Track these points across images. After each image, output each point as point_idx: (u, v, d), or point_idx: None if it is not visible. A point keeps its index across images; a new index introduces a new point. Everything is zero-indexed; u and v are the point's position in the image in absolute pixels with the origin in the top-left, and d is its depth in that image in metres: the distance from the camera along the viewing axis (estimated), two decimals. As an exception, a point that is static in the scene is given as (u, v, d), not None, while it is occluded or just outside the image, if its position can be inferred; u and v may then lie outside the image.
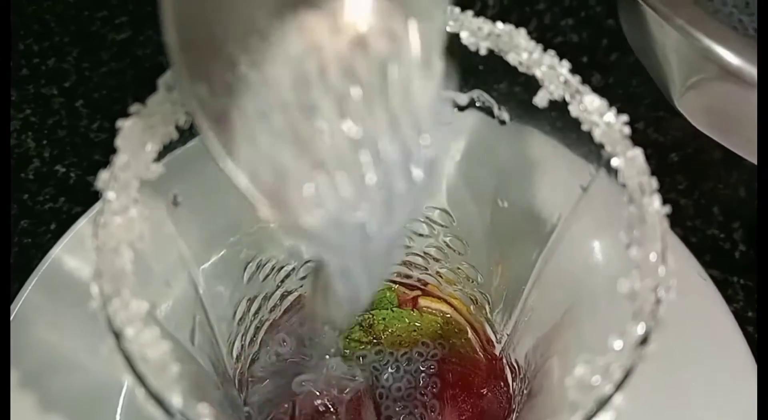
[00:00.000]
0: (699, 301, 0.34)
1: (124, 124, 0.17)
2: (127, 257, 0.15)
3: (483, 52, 0.19)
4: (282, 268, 0.27)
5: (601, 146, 0.18)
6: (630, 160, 0.17)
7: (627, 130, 0.17)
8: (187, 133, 0.18)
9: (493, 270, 0.26)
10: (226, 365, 0.24)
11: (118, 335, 0.14)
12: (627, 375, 0.14)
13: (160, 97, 0.17)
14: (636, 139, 0.43)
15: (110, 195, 0.16)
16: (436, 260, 0.29)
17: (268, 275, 0.26)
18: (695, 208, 0.40)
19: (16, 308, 0.28)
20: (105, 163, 0.40)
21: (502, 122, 0.20)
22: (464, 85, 0.21)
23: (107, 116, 0.42)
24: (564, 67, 0.18)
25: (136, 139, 0.16)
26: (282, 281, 0.28)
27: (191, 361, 0.19)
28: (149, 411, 0.13)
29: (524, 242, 0.23)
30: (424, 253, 0.29)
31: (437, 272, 0.29)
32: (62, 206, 0.39)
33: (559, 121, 0.19)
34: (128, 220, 0.16)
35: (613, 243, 0.17)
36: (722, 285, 0.36)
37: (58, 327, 0.27)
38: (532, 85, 0.19)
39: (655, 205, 0.16)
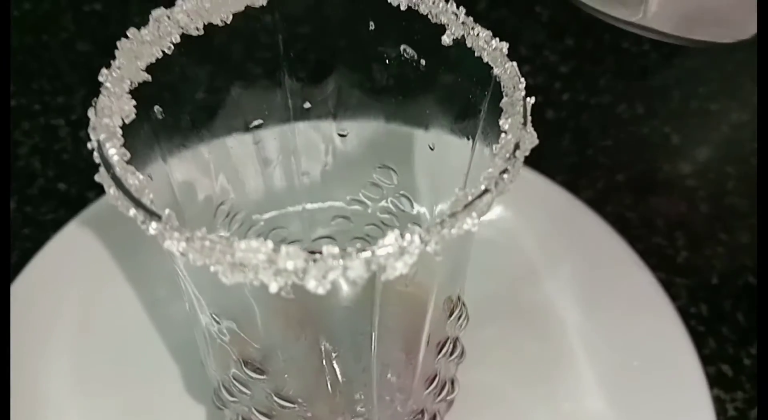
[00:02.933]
0: (638, 290, 0.39)
1: (121, 42, 0.23)
2: (117, 124, 0.21)
3: (403, 7, 0.25)
4: (251, 228, 0.33)
5: (489, 67, 0.24)
6: (506, 69, 0.23)
7: (505, 49, 0.23)
8: (172, 56, 0.24)
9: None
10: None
11: (107, 166, 0.20)
12: (489, 189, 0.20)
13: (150, 27, 0.23)
14: (587, 164, 0.49)
15: (107, 84, 0.22)
16: (390, 227, 0.34)
17: (239, 227, 0.32)
18: (640, 220, 0.46)
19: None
20: (104, 181, 0.46)
21: (423, 69, 0.27)
22: (393, 41, 0.27)
23: (108, 143, 0.48)
24: (462, 12, 0.25)
25: (130, 53, 0.23)
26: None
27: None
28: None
29: (453, 181, 0.28)
30: (381, 222, 0.34)
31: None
32: (62, 217, 0.45)
33: (461, 56, 0.25)
34: (121, 102, 0.21)
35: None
36: (666, 285, 0.41)
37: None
38: (439, 30, 0.25)
39: (521, 94, 0.22)
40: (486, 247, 0.35)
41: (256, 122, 0.29)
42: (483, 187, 0.20)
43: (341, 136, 0.31)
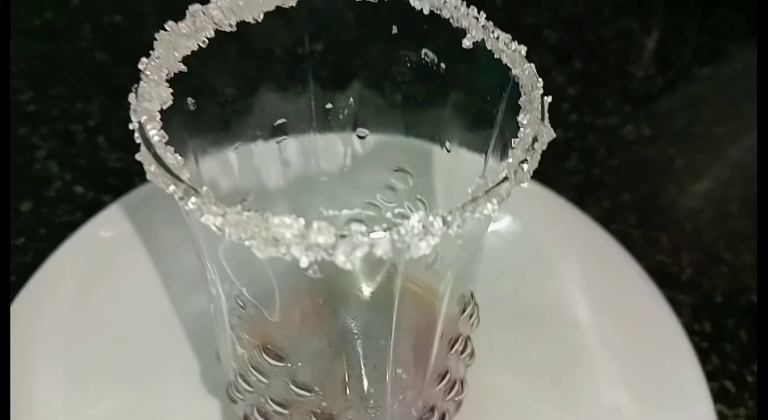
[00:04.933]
0: (643, 301, 0.40)
1: (160, 34, 0.24)
2: (156, 108, 0.22)
3: (426, 11, 0.27)
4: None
5: (508, 68, 0.25)
6: (525, 70, 0.24)
7: (524, 51, 0.25)
8: (208, 49, 0.25)
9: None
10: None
11: (148, 146, 0.21)
12: (508, 177, 0.21)
13: (186, 21, 0.25)
14: (593, 183, 0.51)
15: (147, 72, 0.23)
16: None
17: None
18: (645, 239, 0.47)
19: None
20: (119, 186, 0.48)
21: (443, 72, 0.28)
22: (416, 45, 0.28)
23: (125, 149, 0.49)
24: (482, 17, 0.26)
25: (168, 44, 0.24)
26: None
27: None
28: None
29: (468, 185, 0.30)
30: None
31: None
32: (78, 219, 0.46)
33: (480, 58, 0.26)
34: (160, 89, 0.23)
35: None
36: (670, 302, 0.42)
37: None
38: (459, 34, 0.26)
39: (539, 93, 0.23)
40: (495, 256, 0.36)
41: (279, 121, 0.30)
42: (503, 175, 0.21)
43: (360, 137, 0.32)
